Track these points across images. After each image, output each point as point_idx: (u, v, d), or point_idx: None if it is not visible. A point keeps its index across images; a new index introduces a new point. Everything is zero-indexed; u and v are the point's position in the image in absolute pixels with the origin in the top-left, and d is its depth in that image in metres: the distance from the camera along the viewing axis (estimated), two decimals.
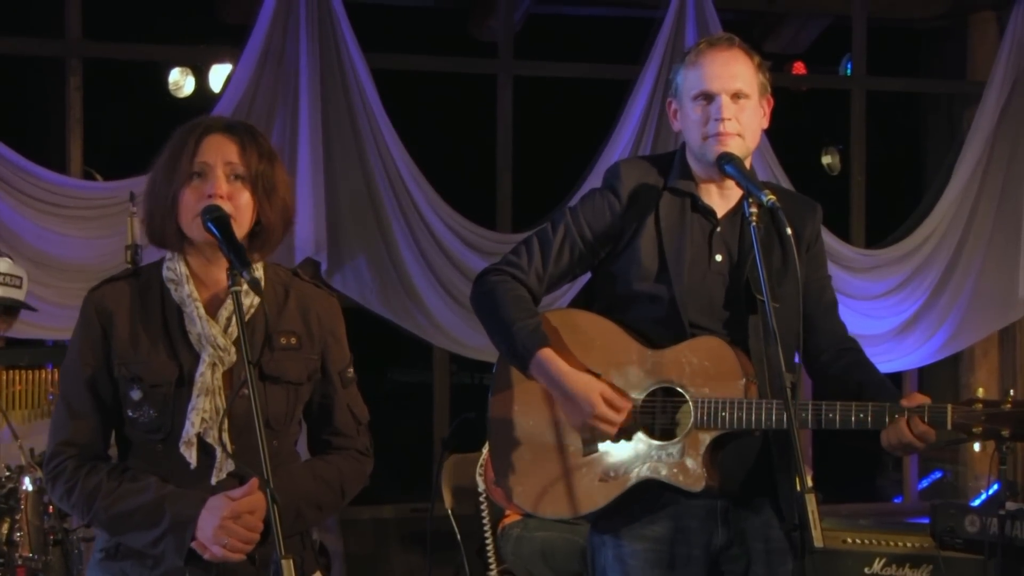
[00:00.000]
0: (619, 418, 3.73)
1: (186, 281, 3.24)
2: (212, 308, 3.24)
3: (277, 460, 3.18)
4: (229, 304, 3.22)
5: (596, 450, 3.80)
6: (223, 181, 3.18)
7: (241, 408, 3.16)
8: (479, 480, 5.91)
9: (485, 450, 5.91)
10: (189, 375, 3.19)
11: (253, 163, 3.21)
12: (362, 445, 3.43)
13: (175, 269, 3.25)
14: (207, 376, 3.19)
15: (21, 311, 6.14)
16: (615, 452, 3.78)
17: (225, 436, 3.18)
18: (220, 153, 3.20)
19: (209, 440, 3.18)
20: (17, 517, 5.65)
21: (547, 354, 3.76)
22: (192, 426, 3.17)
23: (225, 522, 3.11)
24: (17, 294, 6.06)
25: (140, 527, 3.16)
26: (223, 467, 3.20)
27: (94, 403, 3.23)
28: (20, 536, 5.63)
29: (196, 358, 3.21)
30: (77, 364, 3.25)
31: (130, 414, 3.21)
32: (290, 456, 3.34)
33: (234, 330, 3.21)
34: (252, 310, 3.24)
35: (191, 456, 3.18)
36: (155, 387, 3.19)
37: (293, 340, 3.29)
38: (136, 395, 3.19)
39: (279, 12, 7.31)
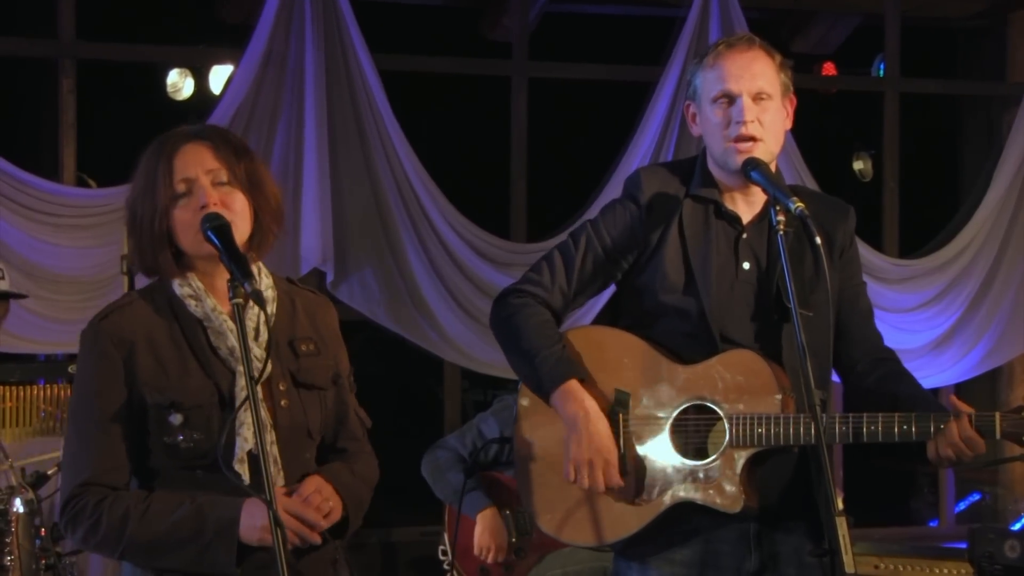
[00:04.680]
0: (609, 486, 3.76)
1: (206, 295, 3.25)
2: (234, 320, 3.24)
3: (313, 470, 3.28)
4: (252, 315, 3.24)
5: (626, 472, 3.80)
6: (210, 189, 3.20)
7: (283, 420, 3.20)
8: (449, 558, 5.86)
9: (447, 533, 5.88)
10: (228, 392, 3.20)
11: (233, 163, 3.23)
12: (369, 448, 3.49)
13: (191, 284, 3.26)
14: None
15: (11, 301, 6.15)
16: (647, 474, 3.79)
17: (274, 449, 3.19)
18: (198, 163, 3.21)
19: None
20: (7, 540, 5.65)
21: (573, 387, 3.78)
22: (245, 442, 3.17)
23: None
24: (1, 284, 6.08)
25: (182, 544, 3.14)
26: (277, 481, 3.20)
27: (117, 441, 3.20)
28: (11, 560, 5.64)
29: (231, 373, 3.21)
30: (94, 401, 3.20)
31: (168, 441, 3.18)
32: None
33: (263, 339, 3.22)
34: (273, 318, 3.27)
35: (245, 473, 3.17)
36: (196, 408, 3.18)
37: (311, 346, 3.33)
38: (176, 420, 3.17)
39: (282, 11, 7.32)
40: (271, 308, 3.28)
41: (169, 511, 3.15)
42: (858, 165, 10.91)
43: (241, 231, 3.22)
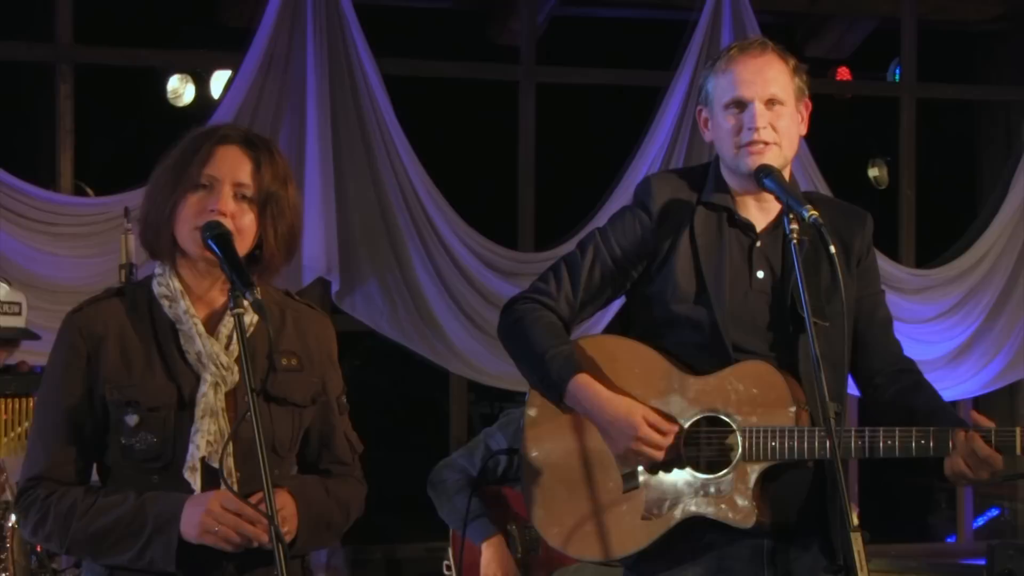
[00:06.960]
0: (665, 441, 3.72)
1: (181, 296, 3.24)
2: (210, 325, 3.25)
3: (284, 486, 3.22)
4: (229, 321, 3.22)
5: (637, 486, 3.78)
6: (229, 199, 3.18)
7: (247, 432, 3.12)
8: None
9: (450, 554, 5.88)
10: (190, 397, 3.18)
11: (265, 184, 3.21)
12: (359, 474, 3.46)
13: (168, 284, 3.25)
14: (210, 397, 3.18)
15: (23, 340, 6.12)
16: (658, 488, 3.77)
17: (230, 461, 3.17)
18: (232, 168, 3.20)
19: (214, 465, 3.16)
20: (2, 557, 5.65)
21: (584, 380, 3.76)
22: (198, 450, 3.15)
23: (212, 505, 3.08)
24: (16, 321, 6.05)
25: (124, 539, 3.14)
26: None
27: (72, 435, 3.22)
28: None
29: (196, 379, 3.20)
30: (56, 393, 3.23)
31: (124, 442, 3.18)
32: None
33: (235, 348, 3.20)
34: (252, 329, 3.23)
35: (195, 482, 3.16)
36: (153, 411, 3.17)
37: (294, 361, 3.30)
38: (132, 420, 3.17)
39: (284, 14, 7.33)
40: (252, 318, 3.24)
41: (113, 506, 3.15)
42: (873, 172, 10.89)
43: (239, 247, 3.17)
